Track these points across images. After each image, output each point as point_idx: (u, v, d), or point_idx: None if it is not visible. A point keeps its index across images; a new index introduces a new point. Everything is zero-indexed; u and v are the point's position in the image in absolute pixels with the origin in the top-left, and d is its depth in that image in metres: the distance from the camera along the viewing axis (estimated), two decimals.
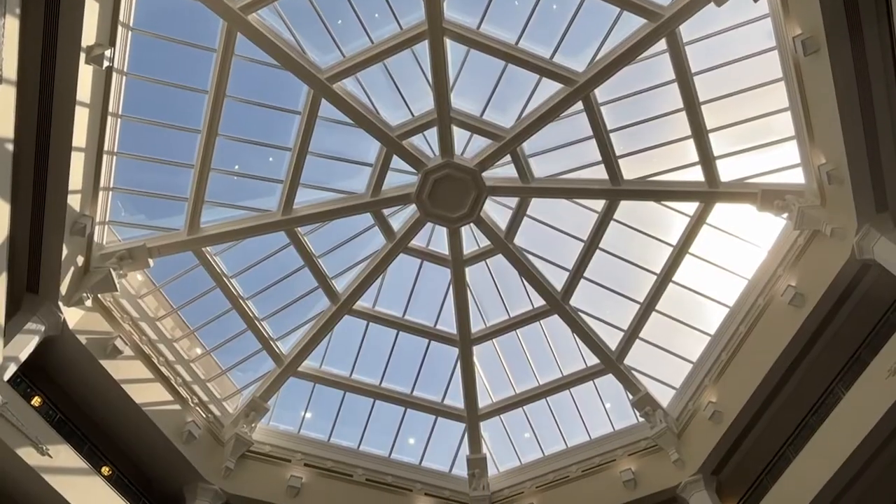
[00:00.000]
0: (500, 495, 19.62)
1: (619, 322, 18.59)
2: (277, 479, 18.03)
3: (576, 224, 17.70)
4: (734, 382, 16.35)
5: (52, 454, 12.77)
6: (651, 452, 18.36)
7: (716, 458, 16.84)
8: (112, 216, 14.95)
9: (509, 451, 20.61)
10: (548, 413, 20.11)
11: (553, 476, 19.33)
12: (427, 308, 19.65)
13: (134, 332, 15.84)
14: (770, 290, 15.62)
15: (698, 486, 16.96)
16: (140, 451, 16.27)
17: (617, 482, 18.20)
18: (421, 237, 18.21)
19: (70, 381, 15.02)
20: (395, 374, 20.05)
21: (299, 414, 19.94)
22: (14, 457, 12.16)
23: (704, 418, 17.02)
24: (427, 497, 19.37)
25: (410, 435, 20.75)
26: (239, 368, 18.82)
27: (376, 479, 19.17)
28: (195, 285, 17.19)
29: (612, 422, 19.77)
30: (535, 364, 19.99)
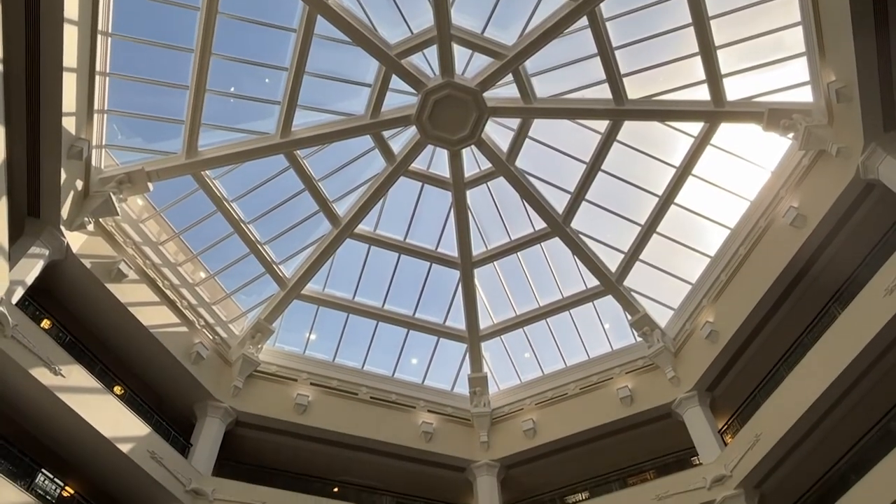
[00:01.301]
0: (501, 412, 20.30)
1: (620, 244, 18.67)
2: (285, 397, 18.62)
3: (578, 145, 17.48)
4: (732, 303, 16.58)
5: (65, 374, 13.13)
6: (648, 371, 18.85)
7: (711, 376, 17.29)
8: (108, 140, 14.76)
9: (509, 370, 21.19)
10: (548, 333, 20.53)
11: (552, 393, 19.94)
12: (428, 231, 19.73)
13: (137, 257, 15.96)
14: (772, 211, 15.59)
15: (692, 402, 17.49)
16: (150, 372, 16.72)
17: (614, 399, 18.78)
18: (421, 160, 18.04)
19: (78, 305, 15.25)
20: (397, 296, 20.37)
21: (304, 336, 20.38)
22: (28, 377, 12.50)
23: (701, 338, 17.37)
24: (430, 414, 20.04)
25: (413, 355, 21.28)
26: (243, 292, 19.09)
27: (380, 397, 19.80)
28: (196, 210, 17.18)
29: (610, 342, 20.21)
30: (536, 286, 20.23)
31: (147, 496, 14.90)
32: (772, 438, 14.38)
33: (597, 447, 19.00)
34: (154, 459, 14.64)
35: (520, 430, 19.59)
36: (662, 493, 16.17)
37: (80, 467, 14.24)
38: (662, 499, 16.09)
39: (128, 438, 14.19)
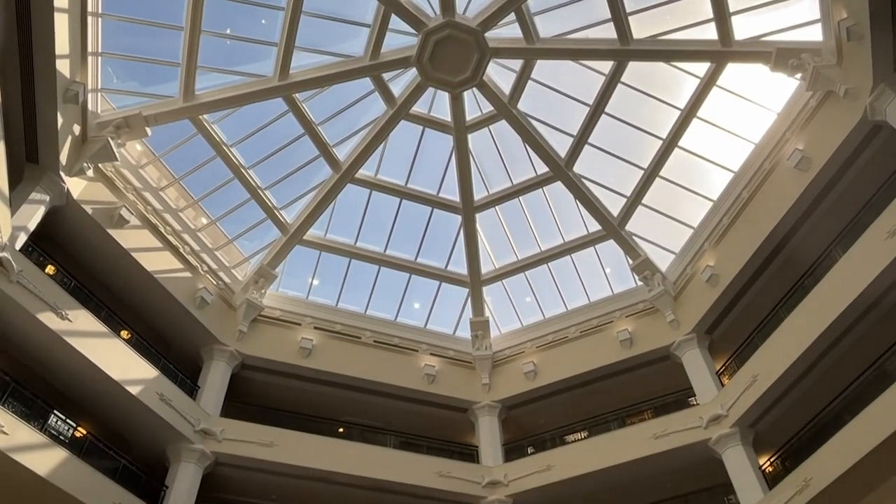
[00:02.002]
0: (502, 355, 20.63)
1: (622, 188, 18.57)
2: (289, 341, 18.90)
3: (582, 87, 17.18)
4: (733, 246, 16.61)
5: (72, 319, 13.31)
6: (647, 314, 19.05)
7: (710, 319, 17.47)
8: (104, 83, 14.51)
9: (511, 313, 21.42)
10: (549, 278, 20.65)
11: (552, 337, 20.21)
12: (429, 176, 19.62)
13: (138, 202, 15.93)
14: (777, 153, 15.44)
15: (691, 344, 17.74)
16: (156, 317, 16.93)
17: (614, 342, 19.04)
18: (422, 103, 17.77)
19: (81, 251, 15.32)
20: (398, 241, 20.42)
21: (307, 281, 20.53)
22: (35, 321, 12.67)
23: (701, 281, 17.47)
24: (432, 357, 20.38)
25: (415, 300, 21.48)
26: (245, 237, 19.14)
27: (383, 341, 20.10)
28: (195, 155, 17.05)
29: (611, 286, 20.35)
30: (538, 230, 20.24)
31: (158, 436, 15.32)
32: (768, 379, 14.64)
33: (596, 388, 19.39)
34: (163, 401, 14.98)
35: (520, 373, 19.96)
36: (660, 432, 16.56)
37: (92, 409, 14.58)
38: (659, 437, 16.49)
39: (136, 381, 14.48)
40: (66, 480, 12.05)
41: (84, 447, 13.29)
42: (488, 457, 18.71)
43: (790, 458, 14.58)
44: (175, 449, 15.47)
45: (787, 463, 14.57)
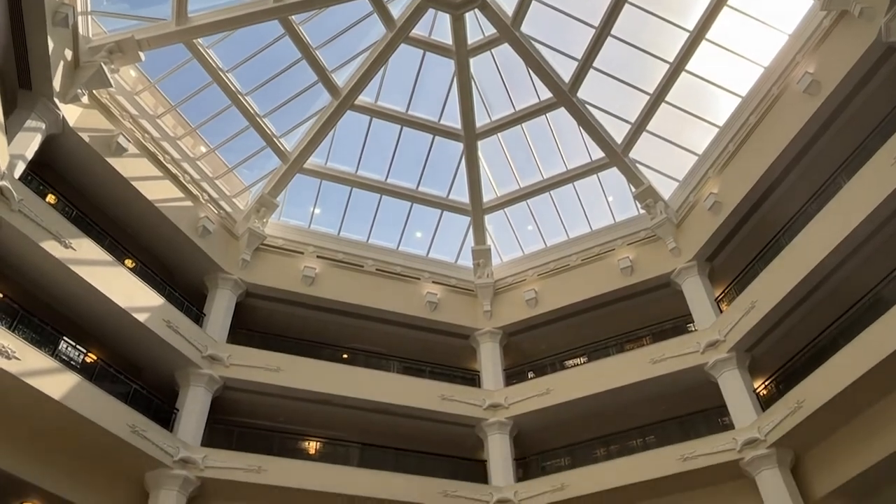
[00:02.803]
0: (504, 283, 20.83)
1: (627, 115, 18.24)
2: (292, 269, 19.06)
3: (587, 8, 16.59)
4: (737, 173, 16.45)
5: (75, 247, 13.36)
6: (649, 242, 19.09)
7: (711, 246, 17.53)
8: (93, 6, 14.03)
9: (512, 242, 21.49)
10: (551, 206, 20.59)
11: (554, 265, 20.34)
12: (431, 103, 19.27)
13: (136, 130, 15.73)
14: (786, 77, 15.05)
15: (692, 271, 17.86)
16: (159, 246, 17.02)
17: (614, 269, 19.18)
18: (423, 26, 17.23)
19: (80, 180, 15.24)
20: (400, 170, 20.27)
21: (308, 210, 20.52)
22: (39, 250, 12.74)
23: (704, 209, 17.41)
24: (434, 285, 20.58)
25: (417, 228, 21.52)
26: (245, 166, 19.00)
27: (386, 269, 20.26)
28: (191, 81, 16.70)
29: (613, 214, 20.31)
30: (540, 158, 20.04)
31: (166, 362, 15.69)
32: (766, 305, 14.81)
33: (596, 315, 19.67)
34: (170, 328, 15.25)
35: (522, 300, 20.20)
36: (657, 357, 16.91)
37: (101, 336, 14.86)
38: (657, 362, 16.84)
39: (143, 308, 14.69)
40: (80, 404, 12.40)
41: (95, 373, 13.61)
42: (489, 381, 19.20)
43: (784, 381, 14.93)
44: (184, 374, 15.87)
45: (781, 386, 14.94)
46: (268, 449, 16.00)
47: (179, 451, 14.37)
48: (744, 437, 14.58)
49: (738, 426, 15.03)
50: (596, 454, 17.44)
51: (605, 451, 17.45)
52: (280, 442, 16.69)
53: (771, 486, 14.02)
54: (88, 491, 13.21)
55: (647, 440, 16.99)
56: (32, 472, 12.27)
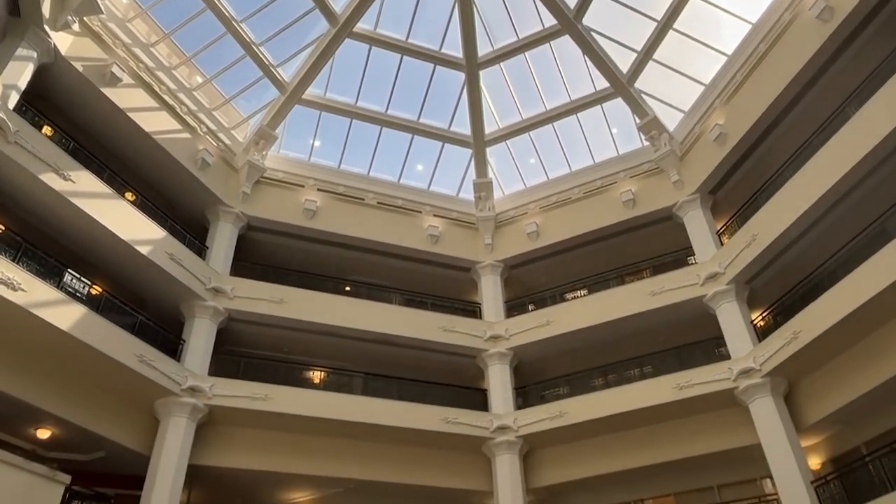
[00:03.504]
0: (505, 216, 20.81)
1: (633, 43, 17.73)
2: (293, 202, 19.02)
3: None
4: (745, 103, 16.14)
5: (74, 180, 13.29)
6: (652, 174, 18.94)
7: (715, 179, 17.39)
8: None
9: (514, 175, 21.33)
10: (554, 138, 20.33)
11: (556, 198, 20.26)
12: (431, 30, 18.72)
13: (129, 59, 15.36)
14: (798, 3, 14.54)
15: (694, 204, 17.79)
16: (158, 179, 16.91)
17: (616, 202, 19.10)
18: None
19: (76, 111, 15.01)
20: (400, 101, 19.89)
21: (308, 142, 20.29)
22: (38, 182, 12.67)
23: (709, 140, 17.18)
24: (436, 218, 20.56)
25: (418, 161, 21.33)
26: (243, 97, 18.67)
27: (387, 202, 20.21)
28: (184, 8, 16.18)
29: (616, 146, 20.07)
30: (543, 89, 19.63)
31: (171, 294, 15.86)
32: (767, 238, 14.81)
33: (597, 248, 19.75)
34: (173, 260, 15.34)
35: (523, 233, 20.23)
36: (657, 290, 17.05)
37: (105, 268, 14.96)
38: (656, 294, 17.00)
39: (145, 241, 14.74)
40: (88, 334, 12.61)
41: (101, 304, 13.77)
42: (490, 313, 19.45)
43: (781, 313, 15.11)
44: (188, 306, 16.08)
45: (779, 318, 15.12)
46: (273, 379, 16.35)
47: (187, 380, 14.72)
48: (739, 367, 14.88)
49: (735, 356, 15.31)
50: (594, 383, 17.84)
51: (603, 380, 17.84)
52: (285, 372, 17.05)
53: (764, 413, 14.41)
54: (101, 418, 13.62)
55: (644, 370, 17.35)
56: (46, 399, 12.61)
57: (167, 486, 13.62)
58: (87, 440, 13.75)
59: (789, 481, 13.47)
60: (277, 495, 17.44)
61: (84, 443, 13.89)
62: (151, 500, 13.36)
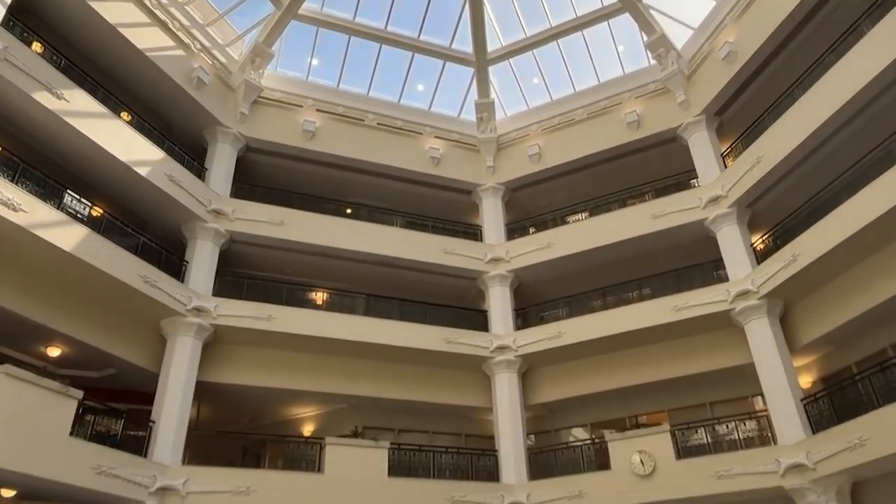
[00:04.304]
0: (507, 138, 20.53)
1: None
2: (292, 123, 18.72)
3: None
4: (757, 20, 15.59)
5: (68, 98, 13.01)
6: (658, 95, 18.55)
7: (722, 99, 17.03)
8: None
9: (517, 96, 20.89)
10: (558, 57, 19.77)
11: (559, 119, 19.92)
12: None
13: None
14: None
15: (699, 126, 17.50)
16: (154, 98, 16.57)
17: (621, 124, 18.79)
18: None
19: (65, 27, 14.54)
20: (400, 16, 19.22)
21: (306, 60, 19.76)
22: (31, 101, 12.40)
23: (718, 59, 16.72)
24: (437, 139, 20.29)
25: (419, 81, 20.81)
26: (237, 13, 18.04)
27: (387, 124, 19.89)
28: None
29: (622, 65, 19.55)
30: (549, 3, 18.92)
31: (172, 216, 15.85)
32: (772, 160, 14.65)
33: (600, 171, 19.59)
34: (173, 182, 15.24)
35: (525, 155, 20.00)
36: (658, 213, 17.02)
37: (104, 190, 14.85)
38: (658, 217, 16.98)
39: (143, 162, 14.59)
40: (92, 255, 12.70)
41: (102, 226, 13.77)
42: (491, 235, 19.50)
43: (782, 236, 15.13)
44: (190, 228, 16.10)
45: (779, 241, 15.15)
46: (276, 300, 16.55)
47: (192, 301, 14.93)
48: (737, 289, 15.05)
49: (733, 279, 15.45)
50: (593, 305, 18.09)
51: (601, 302, 18.07)
52: (288, 293, 17.25)
53: (758, 333, 14.70)
54: (109, 337, 13.92)
55: (643, 292, 17.52)
56: (54, 319, 12.85)
57: (177, 401, 14.07)
58: (97, 358, 14.11)
59: (780, 399, 13.89)
60: (283, 410, 18.04)
61: (94, 360, 14.27)
62: (162, 415, 13.83)
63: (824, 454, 12.44)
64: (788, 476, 12.95)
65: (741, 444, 14.35)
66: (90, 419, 12.40)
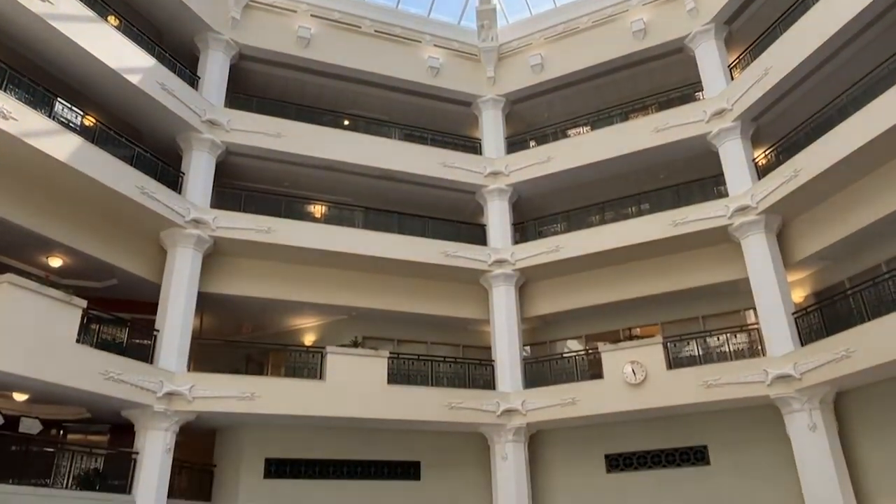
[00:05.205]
0: (509, 47, 19.92)
1: None
2: (286, 30, 18.09)
3: None
4: None
5: (52, 1, 12.46)
6: (666, 2, 17.86)
7: (733, 6, 16.42)
8: None
9: (520, 1, 20.06)
10: None
11: (563, 28, 19.26)
12: None
13: None
14: None
15: (708, 35, 16.95)
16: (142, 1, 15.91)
17: (626, 33, 18.18)
18: None
19: None
20: None
21: None
22: (14, 3, 11.86)
23: None
24: (436, 48, 19.68)
25: None
26: None
27: (385, 31, 19.24)
28: None
29: None
30: None
31: (165, 127, 15.57)
32: (781, 72, 14.26)
33: (603, 83, 19.17)
34: (165, 90, 14.87)
35: (527, 66, 19.45)
36: (661, 126, 16.74)
37: (96, 98, 14.50)
38: (660, 131, 16.71)
39: (134, 69, 14.18)
40: (86, 165, 12.54)
41: (95, 135, 13.53)
42: (491, 149, 19.25)
43: (785, 152, 14.95)
44: (185, 138, 15.86)
45: (781, 157, 14.99)
46: (275, 212, 16.50)
47: (190, 212, 14.91)
48: (736, 205, 15.04)
49: (733, 194, 15.40)
50: (591, 220, 18.10)
51: (600, 217, 18.06)
52: (287, 206, 17.18)
53: (755, 249, 14.80)
54: (110, 247, 13.99)
55: (642, 207, 17.50)
56: (54, 229, 12.87)
57: (179, 311, 14.32)
58: (99, 268, 14.25)
59: (771, 312, 14.16)
60: (285, 321, 18.41)
61: (95, 271, 14.41)
62: (166, 324, 14.12)
63: (811, 365, 12.83)
64: (775, 386, 13.40)
65: (731, 356, 14.76)
66: (95, 328, 12.67)
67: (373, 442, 16.14)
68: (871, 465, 12.82)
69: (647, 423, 15.58)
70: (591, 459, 16.09)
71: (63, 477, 11.80)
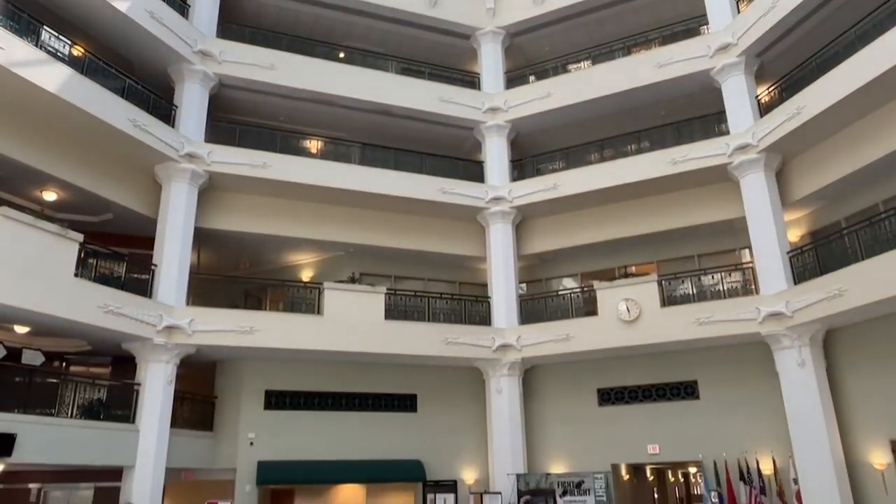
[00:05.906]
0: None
1: None
2: None
3: None
4: None
5: None
6: None
7: None
8: None
9: None
10: None
11: None
12: None
13: None
14: None
15: None
16: None
17: None
18: None
19: None
20: None
21: None
22: None
23: None
24: None
25: None
26: None
27: None
28: None
29: None
30: None
31: (157, 58, 15.20)
32: (788, 5, 13.85)
33: (606, 15, 18.68)
34: (154, 18, 14.41)
35: None
36: (664, 61, 16.37)
37: (82, 27, 14.04)
38: (663, 66, 16.35)
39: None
40: (76, 96, 12.26)
41: (85, 66, 13.16)
42: (489, 84, 18.89)
43: (788, 89, 14.68)
44: (177, 70, 15.49)
45: (785, 94, 14.74)
46: (271, 148, 16.28)
47: (184, 147, 14.71)
48: (736, 143, 14.87)
49: (734, 132, 15.20)
50: (590, 157, 17.93)
51: (599, 155, 17.89)
52: (282, 141, 16.94)
53: (753, 187, 14.73)
54: (104, 181, 13.86)
55: (641, 145, 17.29)
56: (46, 162, 12.70)
57: (177, 246, 14.32)
58: (94, 203, 14.16)
59: (766, 251, 14.22)
60: (282, 257, 18.44)
61: (91, 205, 14.32)
62: (163, 259, 14.14)
63: (803, 304, 12.99)
64: (766, 323, 13.60)
65: (725, 294, 14.95)
66: (93, 262, 12.70)
67: (371, 375, 16.48)
68: (857, 400, 13.17)
69: (640, 359, 15.89)
70: (584, 393, 16.50)
71: (67, 407, 12.07)
